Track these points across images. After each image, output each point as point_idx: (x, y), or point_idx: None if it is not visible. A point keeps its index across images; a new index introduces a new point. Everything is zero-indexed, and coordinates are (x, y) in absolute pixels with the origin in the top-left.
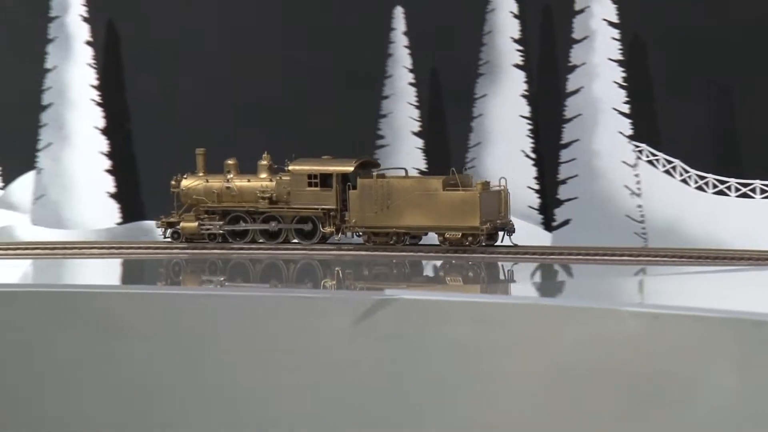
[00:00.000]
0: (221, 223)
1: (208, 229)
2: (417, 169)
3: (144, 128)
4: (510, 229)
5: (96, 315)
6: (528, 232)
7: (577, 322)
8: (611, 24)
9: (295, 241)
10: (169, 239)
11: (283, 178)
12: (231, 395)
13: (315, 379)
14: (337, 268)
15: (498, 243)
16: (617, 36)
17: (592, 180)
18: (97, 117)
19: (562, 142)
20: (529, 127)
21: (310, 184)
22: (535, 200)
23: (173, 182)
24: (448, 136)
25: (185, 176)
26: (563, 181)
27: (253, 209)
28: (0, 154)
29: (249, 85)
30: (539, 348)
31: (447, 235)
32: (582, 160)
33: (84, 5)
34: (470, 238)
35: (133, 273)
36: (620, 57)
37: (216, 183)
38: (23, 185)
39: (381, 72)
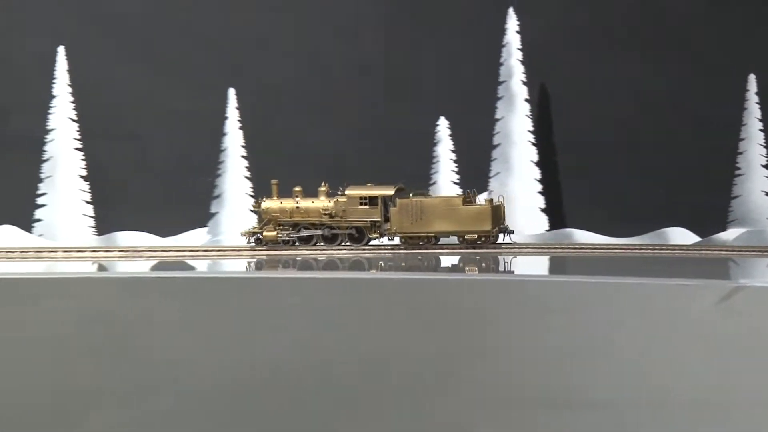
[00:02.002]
0: (293, 232)
1: (282, 237)
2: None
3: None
4: (510, 231)
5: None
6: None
7: None
8: None
9: (347, 243)
10: (252, 244)
11: (340, 200)
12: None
13: None
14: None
15: (500, 241)
16: None
17: None
18: (532, 153)
19: None
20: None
21: (361, 204)
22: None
23: (254, 203)
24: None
25: (263, 199)
26: None
27: (318, 222)
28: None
29: None
30: None
31: (466, 237)
32: None
33: (523, 73)
34: (483, 239)
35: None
36: None
37: (288, 204)
38: None
39: None
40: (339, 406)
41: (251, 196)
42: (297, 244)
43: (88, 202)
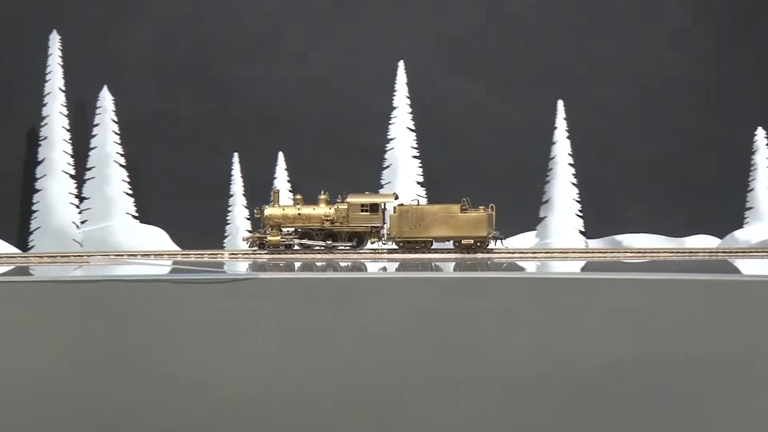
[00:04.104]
0: (295, 236)
1: (284, 241)
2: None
3: None
4: (501, 238)
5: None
6: None
7: None
8: None
9: (348, 246)
10: (255, 248)
11: (340, 207)
12: None
13: None
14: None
15: (490, 247)
16: None
17: None
18: None
19: None
20: None
21: (362, 210)
22: None
23: (256, 210)
24: None
25: (265, 207)
26: None
27: (319, 228)
28: None
29: None
30: None
31: (463, 242)
32: None
33: None
34: (478, 244)
35: None
36: None
37: (290, 211)
38: None
39: None
40: None
41: (577, 201)
42: (296, 248)
43: None
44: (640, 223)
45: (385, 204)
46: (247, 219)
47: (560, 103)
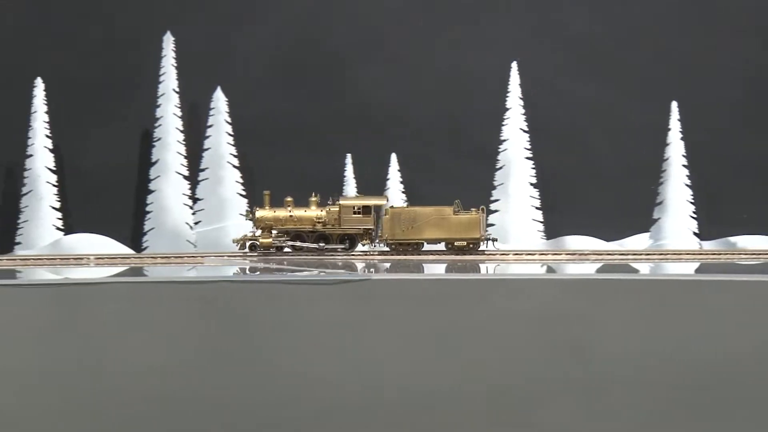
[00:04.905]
0: (287, 238)
1: (276, 244)
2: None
3: None
4: (493, 239)
5: None
6: None
7: None
8: None
9: (340, 248)
10: (246, 250)
11: (332, 209)
12: None
13: None
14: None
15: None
16: None
17: None
18: None
19: None
20: None
21: (354, 213)
22: None
23: (247, 212)
24: None
25: (256, 209)
26: None
27: (311, 230)
28: None
29: None
30: None
31: (456, 244)
32: None
33: None
34: (471, 246)
35: None
36: None
37: (282, 213)
38: None
39: None
40: None
41: (690, 203)
42: (287, 249)
43: (537, 208)
44: (755, 224)
45: (377, 206)
46: None
47: (674, 104)
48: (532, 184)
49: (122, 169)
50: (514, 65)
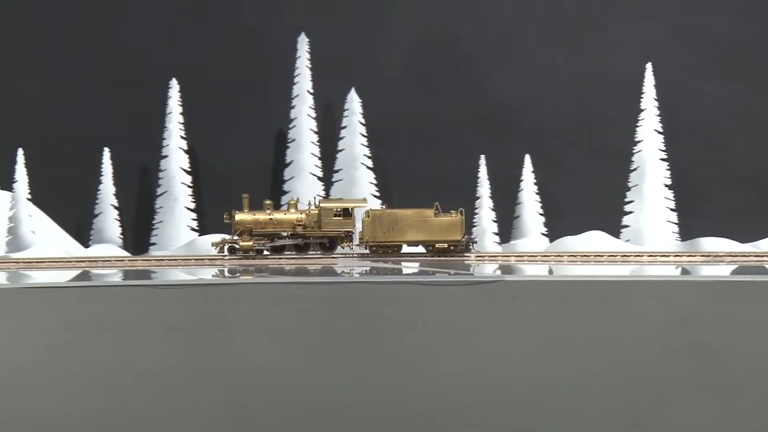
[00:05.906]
0: (268, 241)
1: (256, 247)
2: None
3: None
4: (474, 241)
5: None
6: None
7: None
8: None
9: (318, 252)
10: (225, 254)
11: (312, 212)
12: None
13: None
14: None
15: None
16: None
17: None
18: None
19: None
20: None
21: (335, 215)
22: None
23: (226, 216)
24: None
25: (235, 212)
26: None
27: (292, 232)
28: None
29: None
30: None
31: (437, 246)
32: None
33: None
34: (452, 248)
35: None
36: None
37: (261, 216)
38: None
39: None
40: None
41: None
42: (267, 252)
43: (671, 210)
44: None
45: (356, 208)
46: (494, 221)
47: None
48: (666, 186)
49: (256, 170)
50: (649, 66)
